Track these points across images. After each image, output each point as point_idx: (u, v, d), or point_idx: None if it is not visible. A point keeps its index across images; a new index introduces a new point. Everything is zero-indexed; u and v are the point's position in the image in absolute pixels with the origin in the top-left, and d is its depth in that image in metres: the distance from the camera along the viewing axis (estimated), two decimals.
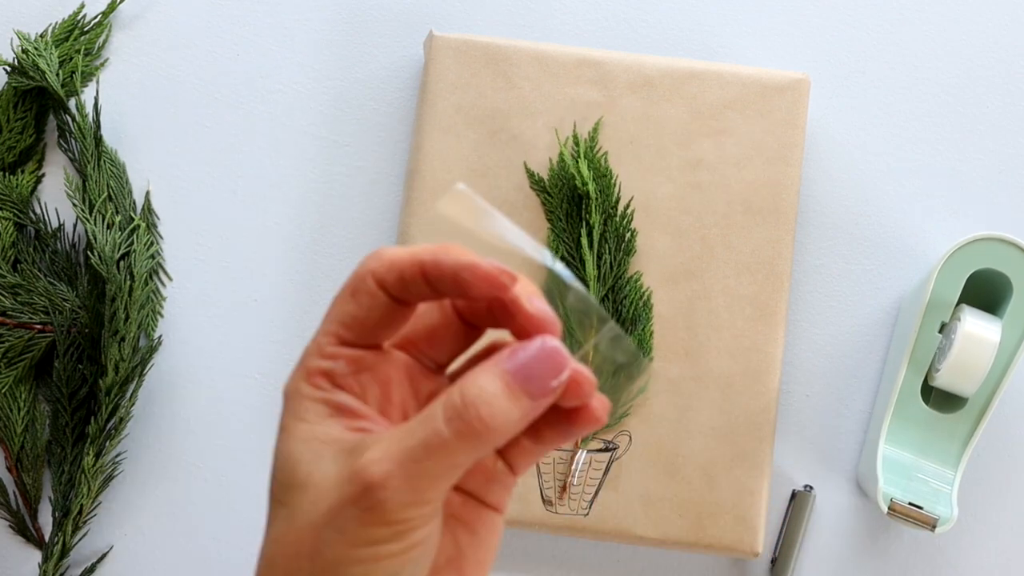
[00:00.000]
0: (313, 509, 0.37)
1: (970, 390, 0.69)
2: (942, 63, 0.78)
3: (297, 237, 0.77)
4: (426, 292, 0.39)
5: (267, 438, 0.75)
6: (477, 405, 0.36)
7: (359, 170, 0.77)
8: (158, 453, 0.75)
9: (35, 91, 0.77)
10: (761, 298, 0.72)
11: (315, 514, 0.37)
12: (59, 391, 0.73)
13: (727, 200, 0.72)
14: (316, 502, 0.37)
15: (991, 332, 0.68)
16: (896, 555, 0.74)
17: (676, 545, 0.71)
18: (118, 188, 0.76)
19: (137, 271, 0.73)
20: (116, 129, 0.78)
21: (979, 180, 0.77)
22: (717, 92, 0.73)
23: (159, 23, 0.79)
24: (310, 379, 0.39)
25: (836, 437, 0.75)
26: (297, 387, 0.40)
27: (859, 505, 0.74)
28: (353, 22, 0.79)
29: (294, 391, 0.40)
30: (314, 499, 0.37)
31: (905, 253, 0.76)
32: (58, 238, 0.76)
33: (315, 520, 0.37)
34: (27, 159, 0.77)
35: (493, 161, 0.73)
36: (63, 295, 0.74)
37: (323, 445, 0.38)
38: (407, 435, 0.37)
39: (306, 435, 0.39)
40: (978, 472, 0.74)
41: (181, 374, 0.75)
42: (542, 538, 0.74)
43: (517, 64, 0.74)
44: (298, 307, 0.76)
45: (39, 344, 0.73)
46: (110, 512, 0.74)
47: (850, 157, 0.77)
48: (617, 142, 0.73)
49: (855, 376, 0.75)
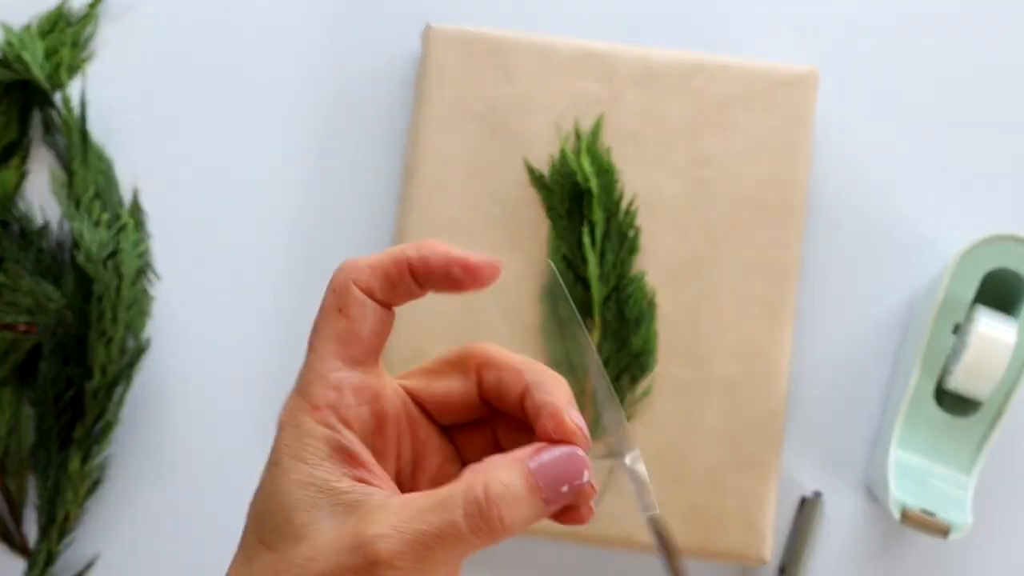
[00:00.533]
0: (308, 566, 0.36)
1: (985, 393, 0.69)
2: (956, 55, 0.77)
3: (290, 234, 0.76)
4: (414, 290, 0.39)
5: (258, 444, 0.74)
6: (500, 505, 0.36)
7: (354, 166, 0.76)
8: (146, 458, 0.74)
9: (19, 84, 0.76)
10: (768, 298, 0.71)
11: (309, 572, 0.36)
12: (44, 394, 0.72)
13: (733, 197, 0.72)
14: (311, 559, 0.36)
15: (1007, 333, 0.68)
16: (908, 563, 0.73)
17: (681, 552, 0.70)
18: (105, 185, 0.75)
19: (125, 270, 0.73)
20: (103, 124, 0.77)
21: (995, 176, 0.76)
22: (723, 86, 0.72)
23: (149, 15, 0.78)
24: (314, 412, 0.38)
25: (846, 441, 0.74)
26: (299, 420, 0.38)
27: (870, 511, 0.74)
28: (348, 13, 0.78)
29: (294, 424, 0.38)
30: (309, 556, 0.36)
31: (917, 251, 0.75)
32: (43, 236, 0.75)
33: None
34: (11, 155, 0.77)
35: (492, 157, 0.72)
36: (48, 295, 0.73)
37: (321, 494, 0.37)
38: (420, 518, 0.36)
39: (304, 479, 0.37)
40: (993, 477, 0.73)
41: (171, 377, 0.75)
42: (543, 545, 0.73)
43: (517, 57, 0.73)
44: (291, 307, 0.75)
45: (23, 345, 0.73)
46: (97, 519, 0.74)
47: (860, 152, 0.76)
48: (620, 137, 0.72)
49: (865, 378, 0.74)
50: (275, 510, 0.37)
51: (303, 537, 0.36)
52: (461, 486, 0.36)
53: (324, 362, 0.38)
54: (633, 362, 0.71)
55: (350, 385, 0.38)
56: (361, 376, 0.39)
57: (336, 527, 0.36)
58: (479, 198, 0.72)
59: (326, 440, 0.37)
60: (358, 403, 0.38)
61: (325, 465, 0.37)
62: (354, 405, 0.38)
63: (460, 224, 0.71)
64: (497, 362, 0.40)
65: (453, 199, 0.72)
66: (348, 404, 0.38)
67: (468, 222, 0.72)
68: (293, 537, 0.36)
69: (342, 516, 0.36)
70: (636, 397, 0.70)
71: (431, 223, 0.72)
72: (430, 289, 0.39)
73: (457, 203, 0.72)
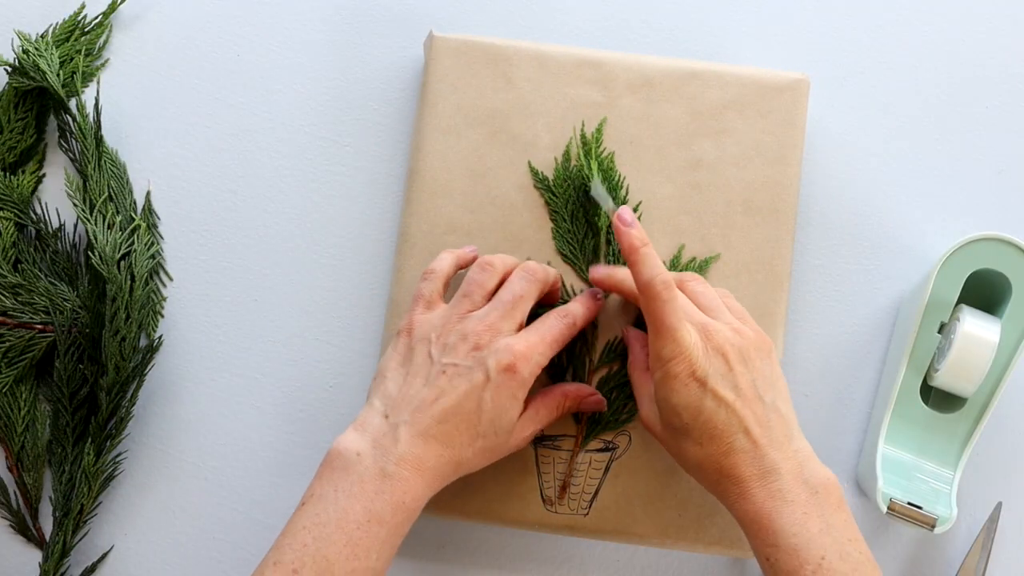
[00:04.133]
0: (508, 440, 0.65)
1: (969, 390, 0.69)
2: (941, 64, 0.78)
3: (297, 237, 0.77)
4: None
5: (267, 438, 0.75)
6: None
7: (359, 170, 0.77)
8: (158, 453, 0.75)
9: (36, 91, 0.77)
10: (760, 298, 0.72)
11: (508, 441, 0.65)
12: (60, 391, 0.73)
13: (727, 200, 0.72)
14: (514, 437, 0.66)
15: (990, 332, 0.68)
16: (895, 554, 0.74)
17: (676, 545, 0.70)
18: (119, 188, 0.76)
19: (138, 271, 0.73)
20: (117, 129, 0.78)
21: (978, 180, 0.77)
22: (717, 92, 0.73)
23: (159, 23, 0.79)
24: (533, 374, 0.63)
25: (835, 437, 0.75)
26: (530, 379, 0.63)
27: (858, 504, 0.74)
28: (353, 22, 0.79)
29: (529, 380, 0.63)
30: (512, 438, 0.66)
31: (904, 253, 0.76)
32: (59, 238, 0.76)
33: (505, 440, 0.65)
34: (28, 159, 0.78)
35: (493, 161, 0.73)
36: (64, 295, 0.74)
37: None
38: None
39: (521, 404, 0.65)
40: (977, 472, 0.74)
41: (181, 374, 0.75)
42: (542, 538, 0.74)
43: (517, 64, 0.73)
44: (298, 307, 0.76)
45: (40, 344, 0.73)
46: (110, 512, 0.74)
47: (849, 157, 0.77)
48: (617, 142, 0.73)
49: (854, 376, 0.75)
50: (503, 418, 0.63)
51: (513, 432, 0.65)
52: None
53: (549, 349, 0.65)
54: None
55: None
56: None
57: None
58: (481, 201, 0.73)
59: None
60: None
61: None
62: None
63: (462, 226, 0.72)
64: None
65: (455, 202, 0.72)
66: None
67: (470, 224, 0.72)
68: (506, 431, 0.64)
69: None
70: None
71: (434, 225, 0.72)
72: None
73: (459, 206, 0.73)
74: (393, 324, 0.72)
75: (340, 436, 0.62)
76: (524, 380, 0.63)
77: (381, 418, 0.62)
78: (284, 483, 0.74)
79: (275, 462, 0.75)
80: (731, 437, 0.60)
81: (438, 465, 0.61)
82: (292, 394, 0.75)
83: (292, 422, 0.75)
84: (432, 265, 0.68)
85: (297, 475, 0.74)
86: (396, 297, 0.72)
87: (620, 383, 0.70)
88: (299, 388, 0.75)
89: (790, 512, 0.59)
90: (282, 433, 0.75)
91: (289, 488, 0.74)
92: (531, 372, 0.63)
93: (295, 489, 0.74)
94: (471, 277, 0.67)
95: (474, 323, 0.64)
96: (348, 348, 0.75)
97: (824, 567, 0.57)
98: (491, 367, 0.62)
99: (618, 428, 0.71)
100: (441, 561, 0.74)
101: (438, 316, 0.65)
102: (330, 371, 0.75)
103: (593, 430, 0.70)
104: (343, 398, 0.75)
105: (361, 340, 0.75)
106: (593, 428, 0.70)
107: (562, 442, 0.71)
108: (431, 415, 0.61)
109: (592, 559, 0.74)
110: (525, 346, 0.63)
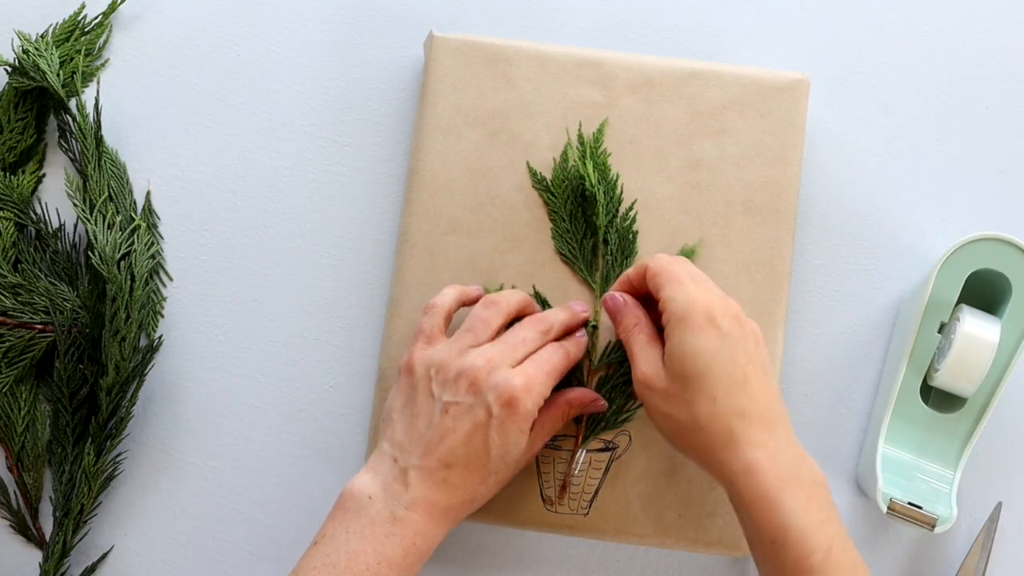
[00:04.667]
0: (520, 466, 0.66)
1: (969, 390, 0.69)
2: (941, 64, 0.78)
3: (297, 237, 0.77)
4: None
5: (266, 438, 0.75)
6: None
7: (359, 170, 0.77)
8: (159, 453, 0.75)
9: (36, 91, 0.77)
10: (760, 298, 0.72)
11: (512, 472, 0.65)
12: (60, 391, 0.73)
13: (726, 200, 0.72)
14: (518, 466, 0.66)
15: (990, 332, 0.68)
16: (896, 555, 0.74)
17: (676, 545, 0.71)
18: (119, 188, 0.76)
19: (138, 271, 0.73)
20: (117, 129, 0.78)
21: (978, 180, 0.77)
22: (717, 92, 0.73)
23: (159, 23, 0.79)
24: (536, 405, 0.63)
25: (835, 437, 0.75)
26: (533, 410, 0.63)
27: (859, 505, 0.74)
28: (353, 22, 0.79)
29: (532, 412, 0.63)
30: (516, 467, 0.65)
31: (904, 253, 0.76)
32: (59, 238, 0.76)
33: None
34: (28, 159, 0.78)
35: (493, 161, 0.73)
36: (64, 295, 0.74)
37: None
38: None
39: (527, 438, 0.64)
40: (977, 472, 0.74)
41: (181, 374, 0.76)
42: (542, 537, 0.74)
43: (517, 64, 0.74)
44: (298, 307, 0.76)
45: (40, 344, 0.73)
46: (110, 512, 0.75)
47: (849, 157, 0.77)
48: (617, 142, 0.73)
49: (854, 376, 0.75)
50: (513, 454, 0.63)
51: (520, 463, 0.66)
52: None
53: (551, 381, 0.65)
54: None
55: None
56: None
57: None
58: (481, 201, 0.73)
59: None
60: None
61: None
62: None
63: (462, 226, 0.73)
64: None
65: (455, 202, 0.73)
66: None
67: (470, 224, 0.73)
68: (516, 465, 0.65)
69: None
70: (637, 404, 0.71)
71: (434, 225, 0.72)
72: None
73: (459, 206, 0.73)
74: (393, 324, 0.72)
75: (353, 478, 0.62)
76: (528, 412, 0.62)
77: (391, 461, 0.62)
78: (284, 483, 0.75)
79: (275, 462, 0.75)
80: (744, 393, 0.59)
81: (451, 506, 0.62)
82: (292, 394, 0.75)
83: (292, 422, 0.75)
84: (434, 299, 0.68)
85: (297, 475, 0.75)
86: (396, 297, 0.72)
87: (620, 383, 0.70)
88: (299, 388, 0.75)
89: (797, 494, 0.58)
90: (282, 433, 0.75)
91: (289, 488, 0.75)
92: (534, 403, 0.62)
93: (295, 489, 0.74)
94: (476, 313, 0.66)
95: (473, 358, 0.63)
96: (348, 348, 0.75)
97: (832, 557, 0.57)
98: (492, 403, 0.61)
99: (618, 428, 0.71)
100: (441, 561, 0.74)
101: (438, 351, 0.65)
102: (330, 371, 0.75)
103: (593, 430, 0.70)
104: (343, 398, 0.75)
105: (361, 340, 0.75)
106: (593, 428, 0.70)
107: (562, 442, 0.71)
108: (438, 458, 0.61)
109: (592, 559, 0.74)
110: (524, 379, 0.62)
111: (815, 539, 0.57)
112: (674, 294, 0.61)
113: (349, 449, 0.75)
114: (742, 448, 0.59)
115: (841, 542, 0.58)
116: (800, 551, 0.57)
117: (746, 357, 0.61)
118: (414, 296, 0.72)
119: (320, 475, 0.74)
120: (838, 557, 0.57)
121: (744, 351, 0.61)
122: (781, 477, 0.58)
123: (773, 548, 0.58)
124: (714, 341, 0.60)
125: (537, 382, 0.63)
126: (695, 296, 0.61)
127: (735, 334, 0.61)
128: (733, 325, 0.61)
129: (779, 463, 0.59)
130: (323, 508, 0.74)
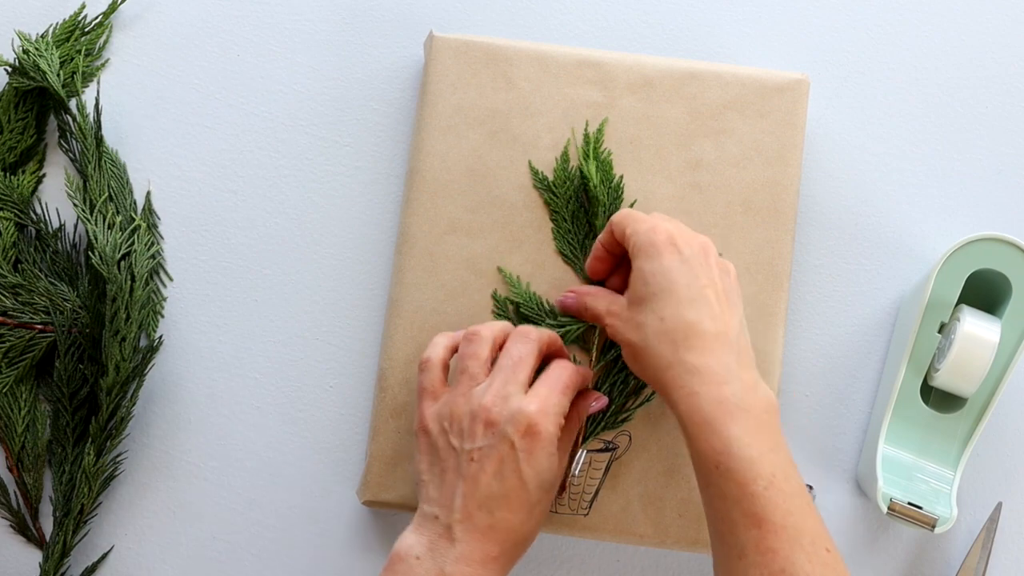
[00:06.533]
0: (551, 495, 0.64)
1: (969, 390, 0.69)
2: (941, 64, 0.78)
3: (297, 237, 0.77)
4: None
5: (265, 438, 0.75)
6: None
7: (359, 170, 0.77)
8: (159, 453, 0.75)
9: (36, 91, 0.77)
10: (760, 298, 0.72)
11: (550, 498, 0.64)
12: (60, 391, 0.73)
13: (727, 200, 0.72)
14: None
15: (990, 332, 0.68)
16: (896, 555, 0.74)
17: (676, 545, 0.71)
18: (119, 188, 0.76)
19: (138, 271, 0.74)
20: (117, 129, 0.78)
21: (978, 180, 0.77)
22: (717, 92, 0.73)
23: (159, 23, 0.79)
24: (557, 426, 0.62)
25: (836, 437, 0.75)
26: (555, 431, 0.62)
27: (859, 505, 0.74)
28: (353, 22, 0.79)
29: (555, 434, 0.62)
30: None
31: (904, 253, 0.76)
32: (59, 238, 0.76)
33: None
34: (28, 159, 0.78)
35: (493, 161, 0.73)
36: (64, 295, 0.74)
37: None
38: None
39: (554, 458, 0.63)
40: (977, 472, 0.74)
41: (181, 374, 0.76)
42: (542, 537, 0.74)
43: (517, 64, 0.74)
44: (298, 307, 0.76)
45: (40, 344, 0.73)
46: (111, 512, 0.75)
47: (849, 157, 0.77)
48: (617, 142, 0.73)
49: (855, 376, 0.75)
50: (548, 477, 0.62)
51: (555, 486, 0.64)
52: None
53: (566, 399, 0.64)
54: None
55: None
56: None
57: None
58: (481, 201, 0.73)
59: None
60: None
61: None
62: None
63: (462, 226, 0.73)
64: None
65: (455, 202, 0.73)
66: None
67: (470, 224, 0.73)
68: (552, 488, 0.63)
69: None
70: (638, 402, 0.71)
71: (434, 225, 0.72)
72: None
73: (459, 206, 0.73)
74: (393, 324, 0.72)
75: (400, 538, 0.62)
76: (551, 435, 0.62)
77: (433, 520, 0.62)
78: (284, 483, 0.75)
79: (275, 462, 0.75)
80: (695, 310, 0.60)
81: (504, 551, 0.61)
82: (292, 394, 0.75)
83: (292, 422, 0.75)
84: (426, 353, 0.67)
85: (297, 475, 0.75)
86: (396, 297, 0.72)
87: (620, 382, 0.71)
88: (299, 388, 0.75)
89: (744, 422, 0.58)
90: (282, 433, 0.75)
91: (289, 488, 0.75)
92: (554, 424, 0.62)
93: (295, 489, 0.74)
94: (462, 352, 0.65)
95: (480, 398, 0.62)
96: (348, 348, 0.76)
97: (775, 485, 0.57)
98: (512, 435, 0.61)
99: (618, 428, 0.71)
100: None
101: (445, 404, 0.64)
102: (330, 371, 0.75)
103: (593, 430, 0.70)
104: (343, 398, 0.75)
105: (361, 340, 0.76)
106: (593, 428, 0.70)
107: None
108: (478, 505, 0.61)
109: (592, 559, 0.74)
110: (538, 403, 0.62)
111: (759, 467, 0.57)
112: (637, 228, 0.64)
113: (349, 449, 0.75)
114: (687, 369, 0.59)
115: (785, 470, 0.58)
116: (743, 478, 0.57)
117: (708, 280, 0.61)
118: (414, 296, 0.72)
119: (320, 475, 0.75)
120: (780, 486, 0.57)
121: (707, 275, 0.61)
122: (725, 402, 0.58)
123: (717, 473, 0.58)
124: (674, 262, 0.61)
125: (551, 403, 0.62)
126: (658, 225, 0.63)
127: (698, 259, 0.62)
128: (697, 252, 0.62)
129: (726, 388, 0.59)
130: (323, 508, 0.74)
